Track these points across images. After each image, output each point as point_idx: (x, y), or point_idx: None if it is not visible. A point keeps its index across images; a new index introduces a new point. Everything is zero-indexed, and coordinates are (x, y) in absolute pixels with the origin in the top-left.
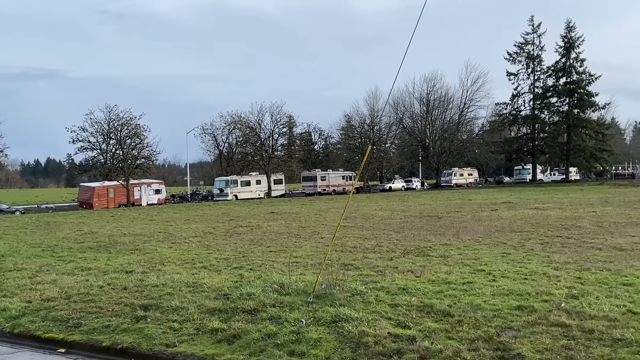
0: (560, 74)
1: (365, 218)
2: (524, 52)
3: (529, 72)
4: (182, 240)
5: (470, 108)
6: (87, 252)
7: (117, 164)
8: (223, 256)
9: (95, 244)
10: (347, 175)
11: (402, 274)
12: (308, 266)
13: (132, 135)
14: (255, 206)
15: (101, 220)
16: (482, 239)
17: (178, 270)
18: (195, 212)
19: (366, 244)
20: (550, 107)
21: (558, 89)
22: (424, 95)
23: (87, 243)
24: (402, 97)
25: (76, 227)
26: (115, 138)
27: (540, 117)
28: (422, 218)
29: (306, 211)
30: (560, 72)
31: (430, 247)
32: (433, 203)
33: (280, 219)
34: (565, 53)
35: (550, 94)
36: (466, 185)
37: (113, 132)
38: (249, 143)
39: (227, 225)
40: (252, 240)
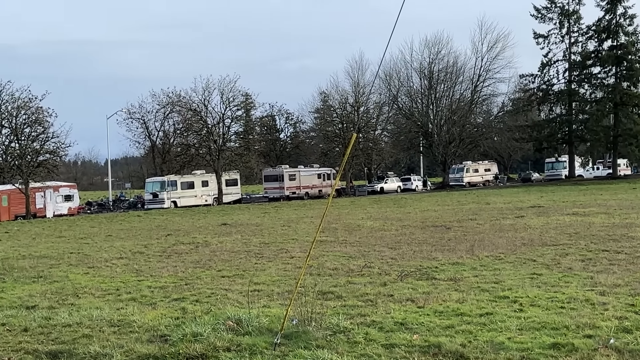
0: (604, 35)
1: (350, 230)
2: (556, 6)
3: (563, 33)
4: (103, 263)
5: (487, 82)
6: None
7: (12, 162)
8: (159, 284)
9: None
10: (324, 173)
11: (399, 304)
12: (274, 296)
13: (32, 123)
14: (201, 216)
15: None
16: (505, 256)
17: (98, 304)
18: (121, 224)
19: (351, 265)
20: (591, 80)
21: (601, 56)
22: (425, 66)
23: None
24: (396, 67)
25: None
26: (9, 126)
27: (579, 93)
28: (425, 229)
29: (270, 222)
30: (603, 32)
31: (437, 268)
32: (439, 209)
33: (236, 233)
34: (609, 8)
35: (592, 62)
36: (482, 184)
37: (6, 119)
38: (192, 131)
39: (164, 243)
40: (198, 261)
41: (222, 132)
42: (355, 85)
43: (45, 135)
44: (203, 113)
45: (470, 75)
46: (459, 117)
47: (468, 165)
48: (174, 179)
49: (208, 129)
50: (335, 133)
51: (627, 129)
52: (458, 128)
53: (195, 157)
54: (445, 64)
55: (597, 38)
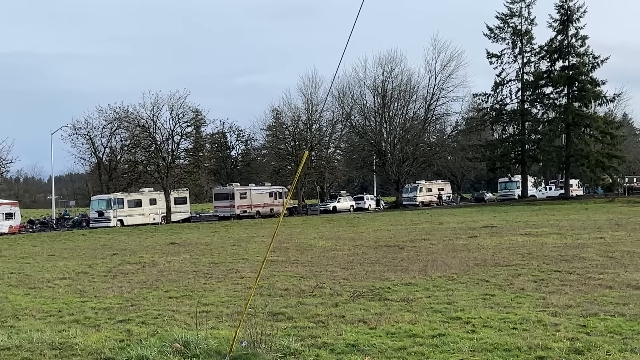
0: (556, 55)
1: (301, 250)
2: (508, 26)
3: (515, 53)
4: (45, 283)
5: (440, 100)
6: None
7: None
8: (103, 305)
9: None
10: (275, 192)
11: (351, 325)
12: (223, 317)
13: None
14: (149, 235)
15: None
16: (458, 276)
17: (39, 327)
18: (64, 244)
19: (303, 285)
20: (543, 100)
21: (553, 76)
22: (378, 83)
23: None
24: (349, 85)
25: None
26: None
27: (532, 113)
28: (378, 249)
29: (220, 241)
30: (555, 53)
31: (389, 288)
32: (392, 228)
33: (184, 253)
34: (561, 28)
35: (544, 82)
36: (436, 203)
37: None
38: (140, 148)
39: (109, 262)
40: (145, 282)
41: (172, 148)
42: (308, 103)
43: None
44: (152, 129)
45: (424, 93)
46: (413, 136)
47: (421, 184)
48: (120, 197)
49: (157, 145)
50: (288, 151)
51: (578, 150)
52: (412, 147)
53: (143, 175)
54: (398, 82)
55: (549, 58)
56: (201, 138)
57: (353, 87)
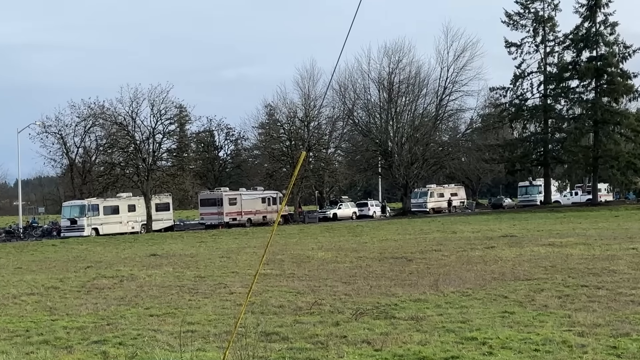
0: (582, 44)
1: (298, 262)
2: (529, 12)
3: (537, 42)
4: (11, 300)
5: (454, 95)
6: None
7: None
8: (76, 324)
9: None
10: (269, 197)
11: (353, 347)
12: (210, 337)
13: None
14: (127, 245)
15: None
16: (473, 292)
17: (3, 348)
18: (33, 255)
19: (299, 302)
20: (568, 94)
21: (579, 67)
22: (384, 76)
23: None
24: (352, 78)
25: None
26: None
27: (555, 109)
28: (384, 261)
29: (207, 252)
30: (581, 42)
31: (396, 305)
32: (399, 238)
33: (167, 265)
34: (588, 14)
35: (569, 74)
36: (448, 210)
37: None
38: (118, 148)
39: (83, 276)
40: (123, 298)
41: (153, 149)
42: (305, 97)
43: None
44: (130, 127)
45: (434, 87)
46: (422, 135)
47: (432, 189)
48: (95, 203)
49: (136, 145)
50: (283, 151)
51: (607, 150)
52: (421, 147)
53: (120, 178)
54: (406, 75)
55: (574, 48)
56: (186, 137)
57: (356, 80)
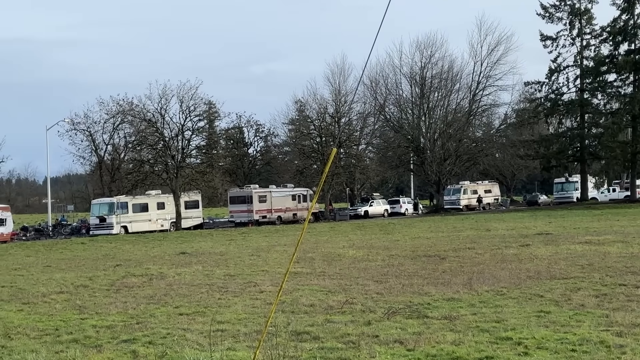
0: (620, 37)
1: (329, 260)
2: (565, 4)
3: (573, 35)
4: (40, 298)
5: (487, 90)
6: None
7: None
8: (105, 323)
9: None
10: (299, 194)
11: (385, 346)
12: (240, 336)
13: None
14: (156, 243)
15: None
16: (508, 291)
17: (33, 347)
18: (62, 253)
19: (330, 301)
20: (606, 88)
21: (617, 61)
22: (416, 71)
23: None
24: (383, 73)
25: None
26: None
27: (592, 104)
28: (416, 259)
29: (236, 250)
30: (619, 35)
31: (429, 304)
32: (432, 236)
33: (196, 264)
34: (626, 6)
35: (606, 68)
36: (482, 207)
37: None
38: (146, 145)
39: (112, 275)
40: (152, 296)
41: (182, 146)
42: (336, 93)
43: None
44: (159, 124)
45: (468, 82)
46: (455, 130)
47: (465, 185)
48: (124, 201)
49: (165, 142)
50: (313, 148)
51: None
52: (454, 143)
53: (149, 175)
54: (439, 69)
55: (612, 41)
56: (215, 134)
57: (387, 75)
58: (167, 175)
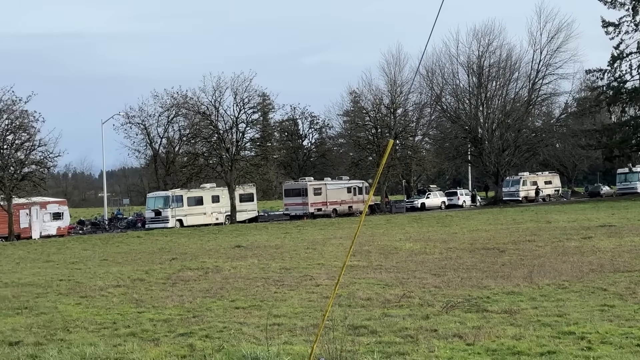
0: None
1: (386, 253)
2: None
3: (637, 21)
4: (98, 292)
5: (547, 78)
6: None
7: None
8: (162, 316)
9: None
10: (355, 187)
11: (444, 341)
12: (296, 330)
13: (16, 129)
14: (211, 237)
15: None
16: (570, 284)
17: (91, 340)
18: (118, 247)
19: (387, 294)
20: None
21: None
22: (473, 60)
23: None
24: (440, 62)
25: None
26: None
27: None
28: (475, 252)
29: (292, 243)
30: None
31: (489, 298)
32: (491, 228)
33: (252, 257)
34: None
35: None
36: (542, 199)
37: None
38: (201, 138)
39: (168, 268)
40: (208, 290)
41: (236, 138)
42: (391, 84)
43: (31, 143)
44: (213, 116)
45: (527, 71)
46: (514, 120)
47: (525, 177)
48: (179, 194)
49: (219, 135)
50: (368, 139)
51: None
52: (513, 133)
53: (204, 168)
54: (497, 58)
55: None
56: (269, 126)
57: (444, 64)
58: (222, 168)
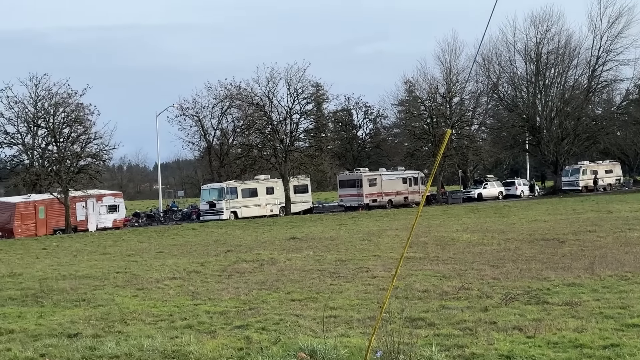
0: None
1: (442, 244)
2: None
3: None
4: (154, 284)
5: (608, 65)
6: (6, 306)
7: (50, 167)
8: (218, 309)
9: (19, 293)
10: (410, 177)
11: (504, 333)
12: (353, 322)
13: (72, 122)
14: (266, 228)
15: (27, 256)
16: (633, 275)
17: (149, 332)
18: (173, 239)
19: (445, 286)
20: None
21: None
22: (531, 47)
23: (6, 291)
24: (496, 50)
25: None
26: (46, 126)
27: None
28: (534, 243)
29: (347, 235)
30: None
31: (549, 290)
32: (550, 218)
33: (307, 249)
34: None
35: None
36: (603, 188)
37: (42, 118)
38: (255, 129)
39: (224, 260)
40: (264, 282)
41: (290, 129)
42: (447, 72)
43: (87, 136)
44: (267, 107)
45: (586, 57)
46: (573, 108)
47: (585, 165)
48: (233, 186)
49: (273, 126)
50: (424, 129)
51: None
52: (572, 121)
53: (258, 160)
54: (555, 45)
55: None
56: (323, 116)
57: (500, 52)
58: (276, 160)
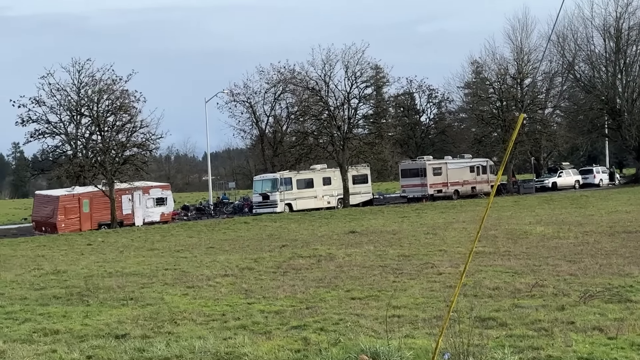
0: None
1: (514, 238)
2: None
3: None
4: (205, 282)
5: None
6: (51, 305)
7: (94, 158)
8: (273, 308)
9: (63, 291)
10: (478, 165)
11: (583, 334)
12: (418, 323)
13: (117, 110)
14: (323, 222)
15: (72, 252)
16: None
17: (200, 333)
18: (224, 234)
19: (517, 283)
20: None
21: None
22: (610, 23)
23: (50, 289)
24: (571, 26)
25: (32, 264)
26: (90, 115)
27: None
28: (614, 236)
29: (410, 228)
30: None
31: (632, 287)
32: (633, 209)
33: (367, 243)
34: None
35: None
36: None
37: (86, 105)
38: (310, 115)
39: (278, 256)
40: (321, 279)
41: (348, 115)
42: (517, 52)
43: (132, 124)
44: (323, 92)
45: None
46: None
47: None
48: (288, 176)
49: (330, 112)
50: (492, 113)
51: None
52: None
53: (314, 148)
54: (637, 20)
55: None
56: (383, 101)
57: (576, 28)
58: (333, 148)
